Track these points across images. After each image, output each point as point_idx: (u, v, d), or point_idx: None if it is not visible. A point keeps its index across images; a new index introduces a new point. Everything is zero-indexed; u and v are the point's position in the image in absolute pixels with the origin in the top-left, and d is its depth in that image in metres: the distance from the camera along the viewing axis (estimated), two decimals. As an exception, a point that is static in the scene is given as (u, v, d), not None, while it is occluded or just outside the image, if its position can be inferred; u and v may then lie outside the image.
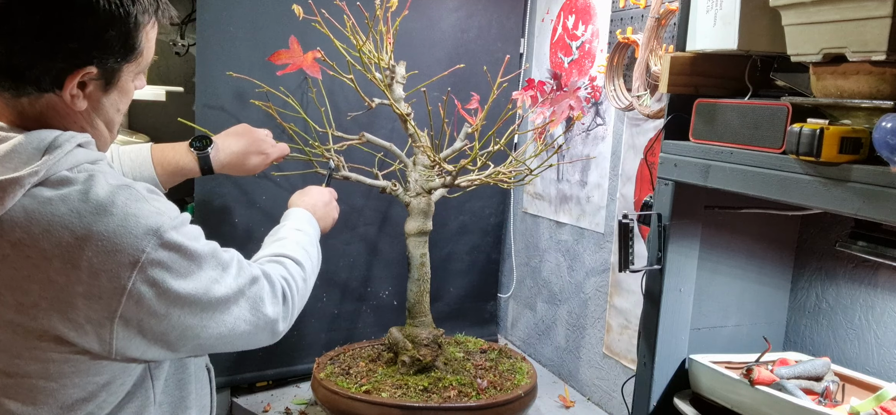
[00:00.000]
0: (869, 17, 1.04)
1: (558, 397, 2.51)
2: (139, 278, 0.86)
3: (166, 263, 0.89)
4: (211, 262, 0.97)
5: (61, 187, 0.86)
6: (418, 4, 2.49)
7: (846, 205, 1.07)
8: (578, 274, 2.59)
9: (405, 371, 2.14)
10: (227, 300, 0.98)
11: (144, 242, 0.87)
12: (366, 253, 2.69)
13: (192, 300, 0.92)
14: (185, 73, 2.82)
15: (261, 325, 1.05)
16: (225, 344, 1.01)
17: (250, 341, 1.06)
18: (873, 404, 1.25)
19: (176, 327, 0.92)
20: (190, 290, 0.92)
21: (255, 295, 1.04)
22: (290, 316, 1.15)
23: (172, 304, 0.90)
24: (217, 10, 2.28)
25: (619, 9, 2.31)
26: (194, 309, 0.93)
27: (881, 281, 1.51)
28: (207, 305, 0.95)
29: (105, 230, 0.85)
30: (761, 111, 1.24)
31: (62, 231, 0.83)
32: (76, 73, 0.89)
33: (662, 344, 1.50)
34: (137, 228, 0.87)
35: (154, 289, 0.88)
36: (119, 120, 1.03)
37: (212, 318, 0.96)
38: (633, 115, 2.26)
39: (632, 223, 1.48)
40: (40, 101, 0.90)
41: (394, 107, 2.12)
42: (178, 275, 0.91)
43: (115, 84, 0.96)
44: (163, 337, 0.92)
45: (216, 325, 0.97)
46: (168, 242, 0.90)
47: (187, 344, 0.95)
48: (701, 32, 1.38)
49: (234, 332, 1.00)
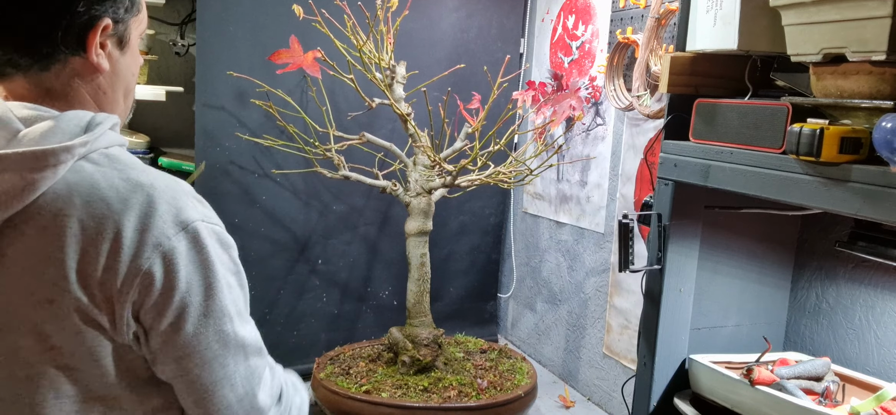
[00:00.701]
0: (869, 17, 1.04)
1: (558, 398, 2.51)
2: (156, 262, 0.85)
3: (187, 257, 0.87)
4: (238, 293, 0.95)
5: (102, 165, 0.87)
6: (418, 4, 2.49)
7: (846, 205, 1.07)
8: (578, 274, 2.59)
9: (405, 371, 2.14)
10: (228, 340, 0.93)
11: (172, 230, 0.86)
12: (366, 253, 2.69)
13: (193, 310, 0.89)
14: (185, 73, 2.83)
15: (248, 404, 0.97)
16: (205, 389, 0.93)
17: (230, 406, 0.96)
18: (873, 404, 1.25)
19: (172, 324, 0.88)
20: (196, 301, 0.89)
21: (256, 369, 0.99)
22: None
23: (179, 295, 0.87)
24: (217, 10, 2.28)
25: (619, 9, 2.31)
26: (203, 316, 0.89)
27: (881, 281, 1.51)
28: (207, 328, 0.91)
29: (140, 208, 0.85)
30: (761, 111, 1.24)
31: (100, 204, 0.84)
32: (96, 27, 0.91)
33: (662, 344, 1.50)
34: (169, 215, 0.87)
35: (167, 277, 0.86)
36: (134, 85, 1.05)
37: (212, 338, 0.91)
38: (633, 115, 2.26)
39: (632, 223, 1.48)
40: (67, 69, 0.92)
41: (394, 107, 2.12)
42: (192, 275, 0.88)
43: (127, 43, 0.98)
44: (155, 329, 0.88)
45: (210, 350, 0.91)
46: (197, 239, 0.88)
47: (174, 351, 0.90)
48: (701, 32, 1.38)
49: (219, 387, 0.93)
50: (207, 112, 2.33)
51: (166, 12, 2.71)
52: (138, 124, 2.77)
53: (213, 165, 2.36)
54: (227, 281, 0.93)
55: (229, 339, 0.93)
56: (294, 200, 2.53)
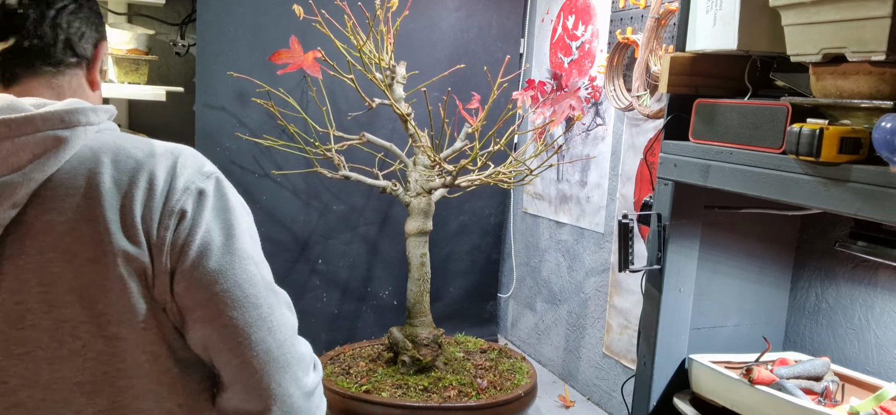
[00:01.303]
0: (868, 18, 1.04)
1: (558, 397, 2.52)
2: (188, 201, 0.87)
3: (213, 201, 0.90)
4: (260, 250, 0.96)
5: (121, 134, 0.92)
6: (418, 4, 2.49)
7: (846, 205, 1.07)
8: (578, 274, 2.59)
9: (405, 371, 2.14)
10: (264, 283, 0.93)
11: (199, 177, 0.90)
12: (366, 253, 2.69)
13: (236, 249, 0.90)
14: (185, 74, 2.83)
15: (288, 347, 0.93)
16: (238, 328, 0.89)
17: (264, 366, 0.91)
18: (873, 403, 1.25)
19: (201, 261, 0.87)
20: (227, 237, 0.90)
21: (292, 320, 0.98)
22: (319, 390, 1.01)
23: (208, 231, 0.88)
24: (217, 11, 2.28)
25: (619, 9, 2.31)
26: (227, 254, 0.89)
27: (881, 281, 1.51)
28: (239, 259, 0.90)
29: (168, 158, 0.89)
30: (761, 111, 1.24)
31: (127, 158, 0.87)
32: (101, 43, 0.98)
33: (662, 344, 1.50)
34: (196, 167, 0.91)
35: (197, 215, 0.88)
36: None
37: (239, 276, 0.89)
38: (632, 115, 2.26)
39: (632, 223, 1.48)
40: (76, 77, 0.96)
41: (394, 107, 2.12)
42: (219, 214, 0.90)
43: (102, 70, 1.03)
44: (192, 270, 0.87)
45: (239, 289, 0.89)
46: (222, 189, 0.92)
47: (206, 288, 0.87)
48: (701, 32, 1.38)
49: (257, 325, 0.90)
50: (207, 112, 2.33)
51: (166, 12, 2.71)
52: (138, 124, 2.77)
53: (213, 165, 2.36)
54: (250, 232, 0.94)
55: (257, 279, 0.92)
56: (294, 200, 2.53)
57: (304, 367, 0.95)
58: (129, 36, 2.41)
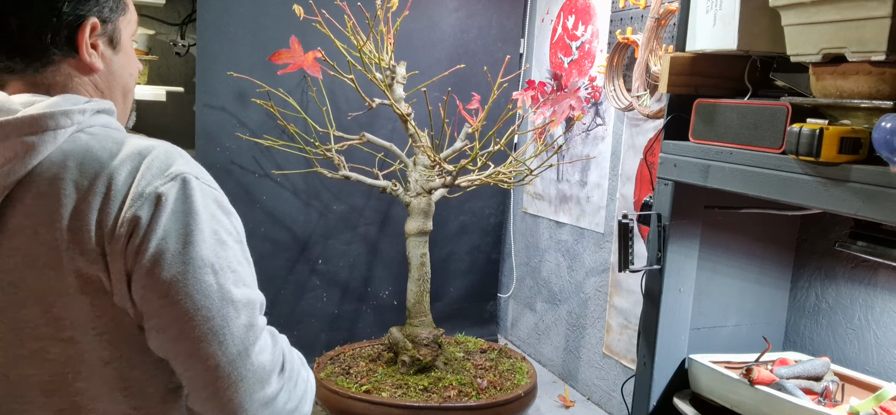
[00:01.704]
0: (868, 18, 1.04)
1: (558, 397, 2.52)
2: (142, 207, 0.84)
3: (172, 204, 0.86)
4: (232, 253, 0.91)
5: (97, 135, 0.90)
6: (418, 5, 2.49)
7: (846, 205, 1.07)
8: (578, 274, 2.59)
9: (405, 371, 2.14)
10: (220, 295, 0.88)
11: (160, 180, 0.86)
12: (366, 253, 2.69)
13: (192, 258, 0.86)
14: (185, 74, 2.83)
15: (241, 367, 0.89)
16: (194, 339, 0.87)
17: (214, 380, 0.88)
18: (873, 403, 1.25)
19: (155, 267, 0.84)
20: (183, 244, 0.86)
21: (249, 330, 0.91)
22: (286, 391, 0.97)
23: (162, 240, 0.84)
24: (217, 11, 2.28)
25: (619, 9, 2.31)
26: (181, 263, 0.85)
27: (881, 281, 1.51)
28: (192, 270, 0.86)
29: (130, 163, 0.87)
30: (761, 111, 1.24)
31: (93, 163, 0.86)
32: (83, 27, 0.93)
33: (662, 344, 1.50)
34: (159, 168, 0.87)
35: (151, 223, 0.84)
36: (133, 86, 1.06)
37: (191, 287, 0.86)
38: (632, 115, 2.26)
39: (631, 223, 1.48)
40: (62, 71, 0.94)
41: (394, 107, 2.12)
42: (175, 221, 0.86)
43: (119, 43, 1.00)
44: (147, 275, 0.84)
45: (190, 300, 0.86)
46: (186, 190, 0.87)
47: (163, 296, 0.85)
48: (701, 33, 1.38)
49: (211, 338, 0.87)
50: (208, 112, 2.33)
51: (166, 12, 2.71)
52: (138, 124, 2.77)
53: (213, 166, 2.36)
54: (217, 236, 0.89)
55: (212, 290, 0.87)
56: (294, 200, 2.53)
57: (260, 379, 0.91)
58: (130, 36, 2.41)
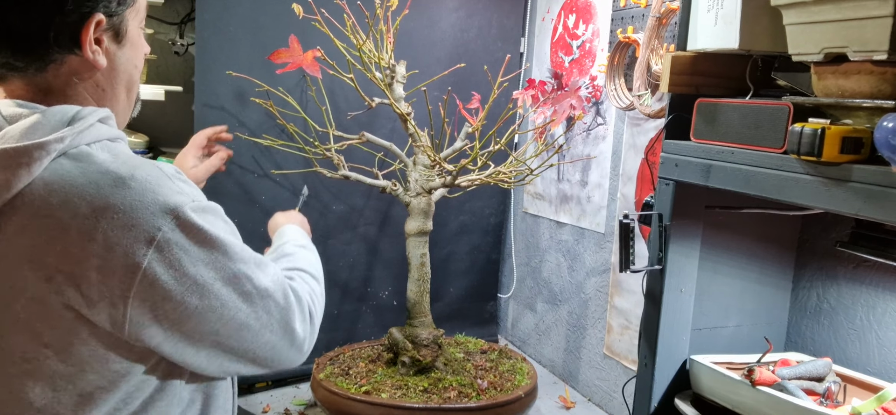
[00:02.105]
0: (870, 17, 1.04)
1: (559, 398, 2.51)
2: (155, 258, 0.84)
3: (184, 245, 0.86)
4: (239, 254, 0.93)
5: (81, 160, 0.86)
6: (418, 4, 2.49)
7: (847, 205, 1.07)
8: (579, 274, 2.59)
9: (405, 372, 2.13)
10: (253, 296, 0.93)
11: (161, 220, 0.84)
12: (366, 253, 2.68)
13: (211, 288, 0.88)
14: (184, 73, 2.82)
15: (288, 340, 0.99)
16: (247, 349, 0.95)
17: (274, 356, 0.99)
18: (875, 404, 1.24)
19: (192, 315, 0.87)
20: (210, 277, 0.88)
21: (286, 306, 0.98)
22: (313, 337, 1.07)
23: (190, 289, 0.86)
24: (217, 10, 2.28)
25: (620, 8, 2.31)
26: (213, 298, 0.88)
27: (883, 281, 1.51)
28: (229, 297, 0.90)
29: (122, 203, 0.84)
30: (762, 111, 1.23)
31: (79, 202, 0.83)
32: (88, 24, 0.90)
33: (663, 345, 1.50)
34: (155, 205, 0.85)
35: (171, 271, 0.85)
36: (138, 79, 1.04)
37: (235, 311, 0.91)
38: (633, 114, 2.26)
39: (632, 223, 1.47)
40: (64, 69, 0.92)
41: (394, 106, 2.11)
42: (197, 259, 0.87)
43: (125, 36, 0.97)
44: (178, 325, 0.87)
45: (238, 324, 0.92)
46: (187, 223, 0.86)
47: (203, 339, 0.90)
48: (702, 32, 1.37)
49: (259, 337, 0.95)
50: (207, 112, 2.32)
51: (165, 12, 2.71)
52: (137, 124, 2.77)
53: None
54: (221, 255, 0.90)
55: (241, 298, 0.92)
56: (294, 200, 2.52)
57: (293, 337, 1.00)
58: (129, 35, 2.40)
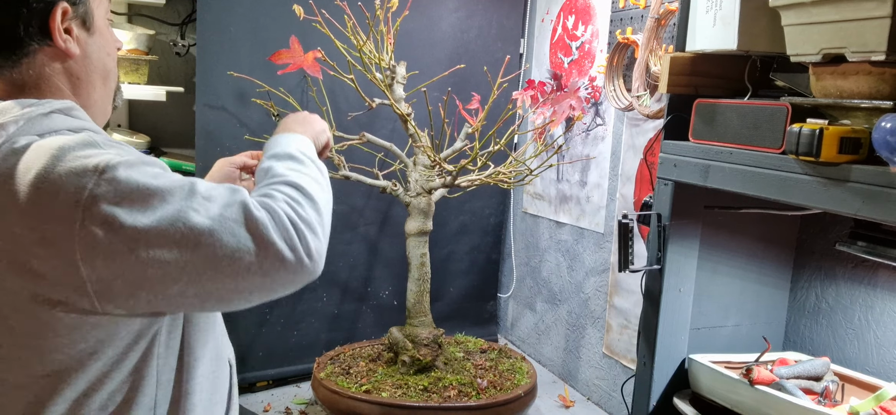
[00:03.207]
0: (868, 18, 1.04)
1: (558, 397, 2.52)
2: (86, 216, 0.83)
3: (113, 197, 0.84)
4: (180, 192, 0.89)
5: (25, 151, 0.87)
6: (419, 5, 2.49)
7: (846, 205, 1.07)
8: (578, 274, 2.59)
9: (405, 371, 2.14)
10: (210, 231, 0.87)
11: (86, 179, 0.84)
12: (366, 253, 2.69)
13: (157, 233, 0.85)
14: (185, 74, 2.83)
15: (268, 260, 0.89)
16: (230, 288, 0.88)
17: (262, 281, 0.90)
18: (873, 403, 1.25)
19: (151, 267, 0.85)
20: (150, 223, 0.85)
21: (254, 222, 0.90)
22: (314, 243, 0.95)
23: (133, 241, 0.84)
24: (217, 11, 2.28)
25: (619, 9, 2.31)
26: (165, 243, 0.85)
27: (881, 281, 1.51)
28: (183, 237, 0.86)
29: (51, 173, 0.85)
30: (761, 111, 1.24)
31: (17, 182, 0.85)
32: (54, 11, 0.93)
33: (662, 344, 1.50)
34: (80, 168, 0.85)
35: (105, 227, 0.84)
36: (113, 68, 1.05)
37: (195, 252, 0.86)
38: (632, 115, 2.26)
39: (631, 223, 1.48)
40: (37, 61, 0.94)
41: (394, 107, 2.12)
42: (131, 210, 0.85)
43: (93, 24, 1.00)
44: (141, 282, 0.85)
45: (205, 261, 0.86)
46: (114, 178, 0.85)
47: (178, 291, 0.87)
48: (701, 33, 1.38)
49: (229, 268, 0.87)
50: (208, 112, 2.33)
51: (166, 12, 2.71)
52: (139, 124, 2.77)
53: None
54: (156, 199, 0.87)
55: (197, 235, 0.86)
56: (294, 200, 2.53)
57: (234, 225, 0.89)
58: (130, 36, 2.41)
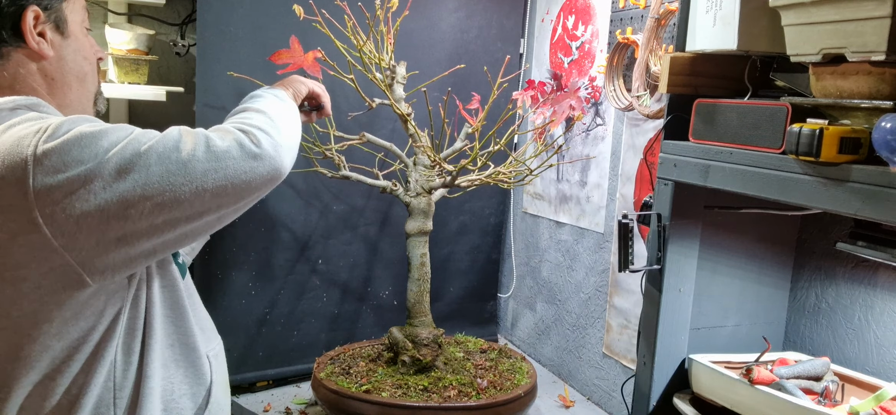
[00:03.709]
0: (868, 18, 1.04)
1: (558, 397, 2.52)
2: (37, 171, 0.86)
3: (57, 149, 0.87)
4: (118, 131, 0.94)
5: None
6: (418, 5, 2.49)
7: (846, 205, 1.07)
8: (578, 274, 2.59)
9: (405, 371, 2.14)
10: (158, 150, 0.92)
11: (32, 139, 0.87)
12: (366, 253, 2.69)
13: (110, 168, 0.88)
14: (185, 74, 2.83)
15: (222, 155, 0.95)
16: (190, 197, 0.92)
17: (225, 183, 0.96)
18: (873, 403, 1.25)
19: (111, 202, 0.88)
20: (99, 160, 0.88)
21: (195, 136, 0.97)
22: (267, 143, 1.02)
23: (87, 181, 0.87)
24: (217, 10, 2.28)
25: (619, 9, 2.31)
26: (117, 173, 0.89)
27: (881, 281, 1.51)
28: (133, 160, 0.90)
29: (2, 149, 0.87)
30: (761, 111, 1.24)
31: None
32: (25, 14, 0.97)
33: (662, 344, 1.50)
34: (26, 135, 0.88)
35: (55, 175, 0.86)
36: (90, 71, 1.08)
37: (148, 171, 0.90)
38: (632, 115, 2.26)
39: (631, 223, 1.48)
40: (11, 62, 0.98)
41: (394, 107, 2.12)
42: (80, 155, 0.88)
43: (67, 28, 1.03)
44: (106, 221, 0.88)
45: (160, 177, 0.90)
46: (54, 133, 0.88)
47: (146, 223, 0.90)
48: (700, 33, 1.38)
49: (187, 182, 0.92)
50: (208, 112, 2.33)
51: (166, 12, 2.71)
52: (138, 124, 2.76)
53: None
54: (96, 139, 0.91)
55: (143, 158, 0.91)
56: (294, 200, 2.53)
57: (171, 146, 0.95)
58: (129, 36, 2.41)
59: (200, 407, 1.15)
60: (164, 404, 1.07)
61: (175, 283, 1.11)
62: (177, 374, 1.10)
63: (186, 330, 1.12)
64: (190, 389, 1.13)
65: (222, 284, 2.43)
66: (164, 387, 1.07)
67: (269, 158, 1.02)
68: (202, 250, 2.36)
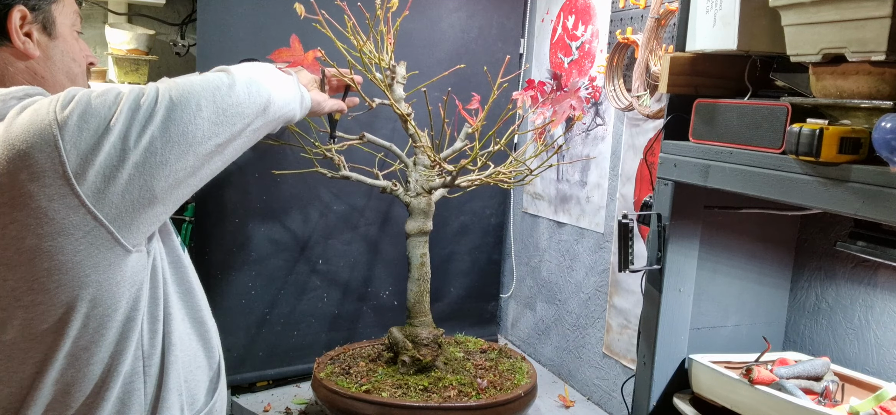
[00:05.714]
0: (868, 18, 1.04)
1: (558, 397, 2.52)
2: (65, 133, 0.89)
3: (80, 110, 0.90)
4: (115, 89, 0.98)
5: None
6: (419, 5, 2.49)
7: (846, 205, 1.07)
8: (578, 274, 2.59)
9: (405, 371, 2.14)
10: (167, 93, 0.99)
11: (49, 108, 0.90)
12: (366, 253, 2.69)
13: (123, 119, 0.92)
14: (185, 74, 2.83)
15: (212, 87, 1.07)
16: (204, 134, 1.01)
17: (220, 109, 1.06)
18: (873, 403, 1.25)
19: (132, 148, 0.92)
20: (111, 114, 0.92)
21: (188, 77, 1.06)
22: (232, 73, 1.15)
23: (106, 134, 0.91)
24: (217, 10, 2.28)
25: (619, 9, 2.31)
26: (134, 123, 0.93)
27: (881, 281, 1.51)
28: (150, 108, 0.95)
29: (21, 123, 0.90)
30: (761, 111, 1.24)
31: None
32: (11, 14, 0.99)
33: (662, 344, 1.50)
34: (42, 105, 0.91)
35: (81, 135, 0.89)
36: (80, 73, 1.11)
37: (154, 116, 0.95)
38: (632, 115, 2.26)
39: (631, 223, 1.48)
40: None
41: (394, 107, 2.12)
42: (97, 113, 0.92)
43: (55, 30, 1.05)
44: (129, 171, 0.92)
45: (167, 114, 0.96)
46: (65, 100, 0.92)
47: (168, 167, 0.95)
48: (701, 33, 1.38)
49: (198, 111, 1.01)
50: (208, 112, 2.33)
51: (166, 12, 2.71)
52: (138, 124, 2.77)
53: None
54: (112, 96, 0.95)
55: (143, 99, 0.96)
56: (294, 200, 2.53)
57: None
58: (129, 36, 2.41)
59: (213, 380, 1.18)
60: (185, 375, 1.10)
61: (180, 259, 1.15)
62: (193, 344, 1.13)
63: (195, 304, 1.16)
64: (205, 360, 1.16)
65: (222, 285, 2.43)
66: (184, 357, 1.10)
67: (242, 82, 1.13)
68: (202, 250, 2.37)
